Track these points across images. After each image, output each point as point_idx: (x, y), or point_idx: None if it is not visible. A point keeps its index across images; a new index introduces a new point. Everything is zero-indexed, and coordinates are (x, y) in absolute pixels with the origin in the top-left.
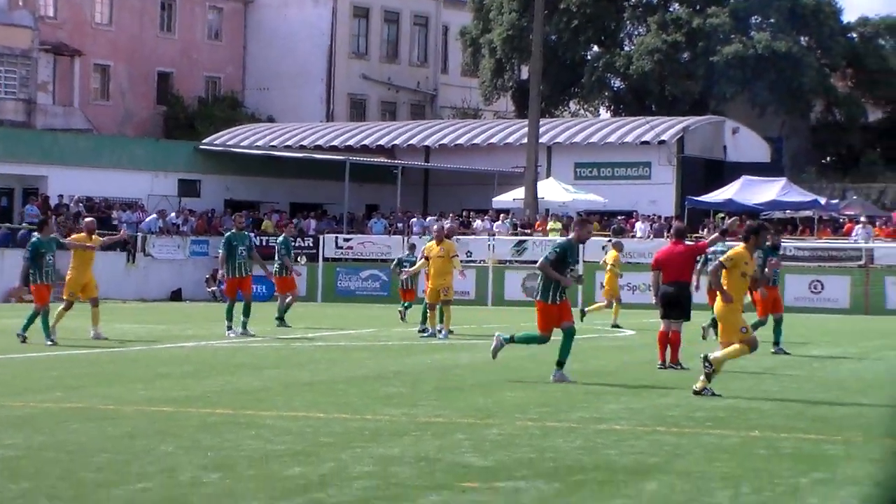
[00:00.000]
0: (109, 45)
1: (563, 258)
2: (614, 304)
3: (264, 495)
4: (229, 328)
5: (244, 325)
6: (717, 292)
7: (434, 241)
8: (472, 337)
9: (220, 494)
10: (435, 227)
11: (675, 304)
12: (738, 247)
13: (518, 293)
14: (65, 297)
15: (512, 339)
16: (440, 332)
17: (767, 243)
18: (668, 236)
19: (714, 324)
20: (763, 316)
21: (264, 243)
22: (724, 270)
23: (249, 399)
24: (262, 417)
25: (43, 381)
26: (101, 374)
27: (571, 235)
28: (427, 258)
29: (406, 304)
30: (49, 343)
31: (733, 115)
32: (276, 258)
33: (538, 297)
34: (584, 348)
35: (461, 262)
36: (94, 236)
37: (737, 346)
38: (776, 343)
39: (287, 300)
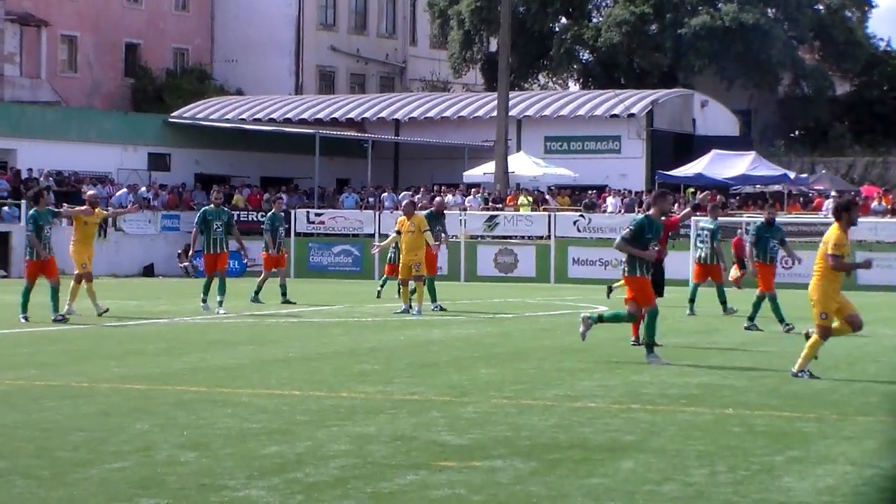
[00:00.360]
0: (76, 15)
1: (640, 234)
2: None
3: (241, 474)
4: (204, 301)
5: (220, 304)
6: (819, 277)
7: (404, 216)
8: (446, 314)
9: (197, 473)
10: (404, 201)
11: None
12: (834, 228)
13: (491, 268)
14: (78, 271)
15: (601, 319)
16: (413, 308)
17: (764, 220)
18: (639, 211)
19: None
20: (767, 290)
21: (237, 218)
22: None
23: (224, 376)
24: (238, 395)
25: (15, 358)
26: (74, 350)
27: (651, 211)
28: (399, 232)
29: (385, 280)
30: (23, 319)
31: (702, 89)
32: (264, 234)
33: (626, 273)
34: (559, 324)
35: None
36: (97, 209)
37: (833, 329)
38: (751, 319)
39: (278, 278)
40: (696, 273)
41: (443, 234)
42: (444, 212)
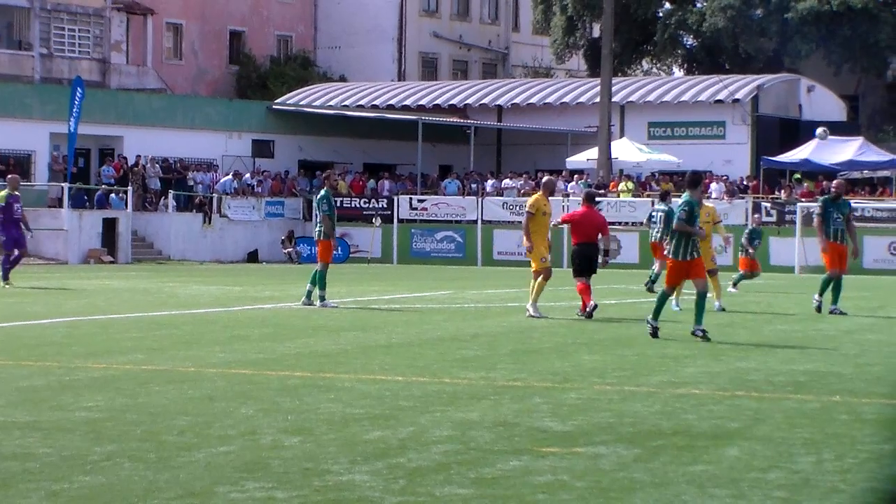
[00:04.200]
0: (181, 3)
1: (692, 214)
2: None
3: (345, 459)
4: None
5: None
6: None
7: (542, 194)
8: (548, 300)
9: (300, 458)
10: (545, 178)
11: (587, 262)
12: None
13: None
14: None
15: (655, 318)
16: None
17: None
18: (737, 197)
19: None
20: (831, 269)
21: (340, 205)
22: None
23: (327, 362)
24: (341, 380)
25: (124, 342)
26: (180, 336)
27: (693, 194)
28: (532, 213)
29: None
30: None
31: (808, 73)
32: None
33: (670, 256)
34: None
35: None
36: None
37: None
38: (834, 303)
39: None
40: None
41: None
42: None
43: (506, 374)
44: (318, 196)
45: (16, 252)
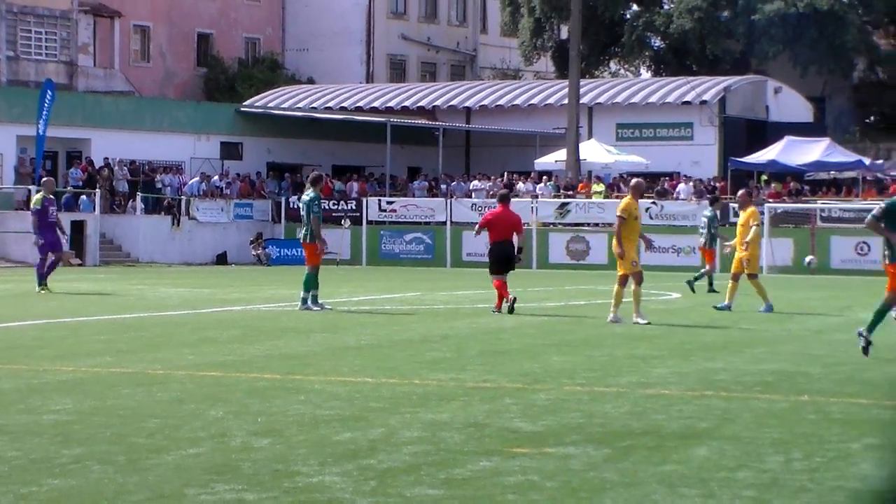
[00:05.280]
0: (148, 5)
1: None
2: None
3: (315, 461)
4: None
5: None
6: None
7: (632, 197)
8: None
9: (270, 459)
10: (634, 180)
11: (505, 260)
12: None
13: (562, 256)
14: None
15: (870, 331)
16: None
17: None
18: (706, 198)
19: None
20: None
21: None
22: None
23: (297, 364)
24: (311, 382)
25: (93, 345)
26: (149, 338)
27: None
28: (624, 218)
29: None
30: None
31: (775, 75)
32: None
33: (888, 262)
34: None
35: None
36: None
37: None
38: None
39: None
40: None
41: None
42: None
43: (476, 375)
44: (307, 198)
45: (51, 257)
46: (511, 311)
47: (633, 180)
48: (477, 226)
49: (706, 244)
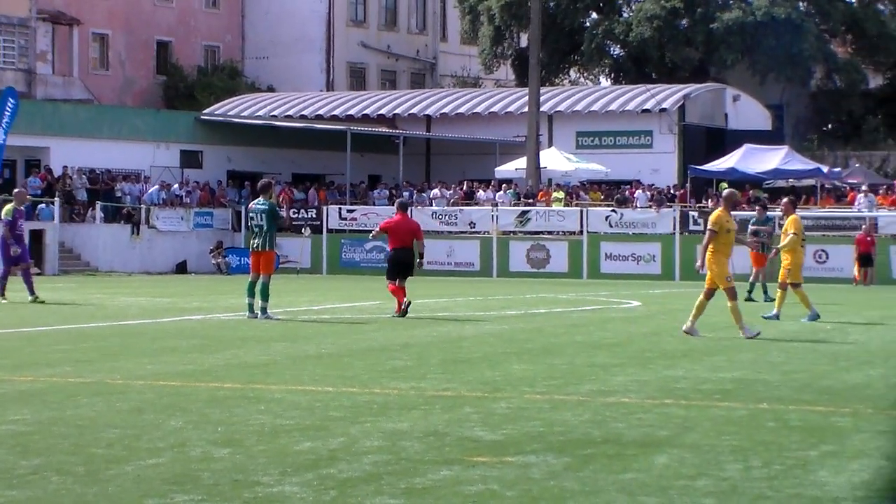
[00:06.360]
0: (107, 13)
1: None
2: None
3: (275, 470)
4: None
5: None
6: None
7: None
8: (477, 310)
9: (230, 469)
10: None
11: (406, 267)
12: None
13: (523, 264)
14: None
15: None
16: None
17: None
18: (664, 206)
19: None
20: None
21: None
22: None
23: (257, 373)
24: (271, 391)
25: (51, 355)
26: (108, 348)
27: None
28: (715, 231)
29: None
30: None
31: (734, 83)
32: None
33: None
34: (591, 320)
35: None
36: None
37: None
38: None
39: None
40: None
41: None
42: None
43: (436, 383)
44: (265, 206)
45: (2, 268)
46: (404, 314)
47: (725, 191)
48: (374, 231)
49: (759, 250)
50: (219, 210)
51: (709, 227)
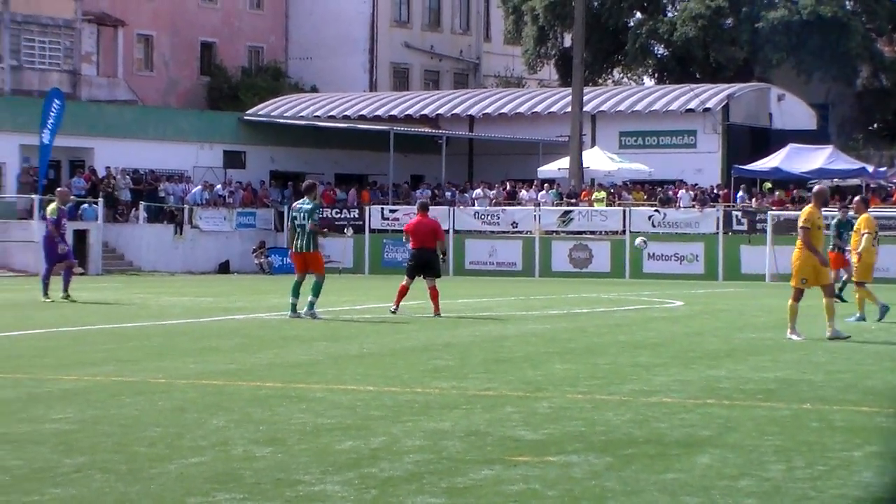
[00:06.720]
0: (152, 14)
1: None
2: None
3: (317, 469)
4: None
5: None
6: None
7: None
8: (520, 309)
9: (272, 468)
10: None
11: (425, 265)
12: None
13: (565, 264)
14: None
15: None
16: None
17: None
18: (708, 205)
19: None
20: None
21: None
22: None
23: (299, 372)
24: (313, 391)
25: (95, 354)
26: (151, 347)
27: None
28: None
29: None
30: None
31: (779, 82)
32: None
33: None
34: (634, 320)
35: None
36: None
37: None
38: None
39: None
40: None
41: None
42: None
43: (477, 383)
44: (308, 207)
45: (46, 268)
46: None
47: (816, 187)
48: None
49: (835, 249)
50: (261, 210)
51: (801, 224)
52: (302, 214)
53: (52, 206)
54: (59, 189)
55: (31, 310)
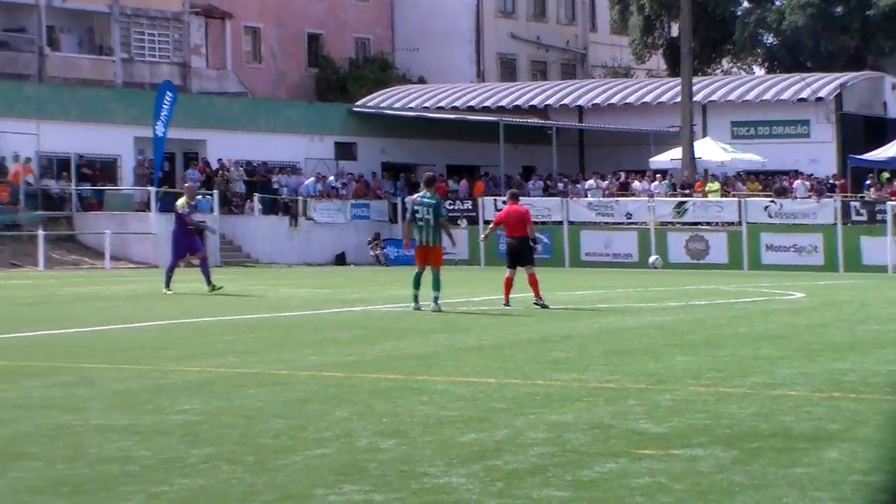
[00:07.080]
0: (259, 6)
1: None
2: None
3: (441, 461)
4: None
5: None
6: None
7: None
8: (637, 301)
9: (397, 460)
10: None
11: (519, 254)
12: None
13: (682, 255)
14: None
15: None
16: None
17: None
18: (825, 196)
19: None
20: None
21: None
22: None
23: (419, 364)
24: (434, 382)
25: (216, 345)
26: (271, 338)
27: None
28: None
29: None
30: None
31: (893, 71)
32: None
33: None
34: (754, 311)
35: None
36: None
37: None
38: None
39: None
40: None
41: None
42: None
43: (599, 375)
44: (433, 202)
45: (171, 261)
46: (544, 306)
47: None
48: (491, 224)
49: None
50: (375, 202)
51: None
52: (425, 208)
53: (182, 200)
54: (187, 184)
55: (153, 301)
